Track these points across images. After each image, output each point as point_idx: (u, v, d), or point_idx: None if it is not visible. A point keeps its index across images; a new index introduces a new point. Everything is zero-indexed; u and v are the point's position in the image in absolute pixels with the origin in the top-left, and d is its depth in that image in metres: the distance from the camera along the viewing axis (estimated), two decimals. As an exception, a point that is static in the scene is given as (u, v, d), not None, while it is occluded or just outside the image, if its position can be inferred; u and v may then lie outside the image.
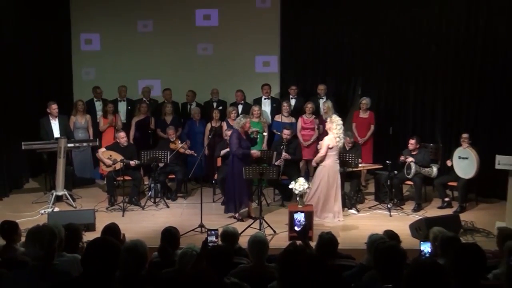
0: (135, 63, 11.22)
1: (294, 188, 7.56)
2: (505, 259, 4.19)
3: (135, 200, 8.89)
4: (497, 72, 9.28)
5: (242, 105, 10.54)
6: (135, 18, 11.23)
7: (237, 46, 11.21)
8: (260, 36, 11.16)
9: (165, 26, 11.22)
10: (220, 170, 9.18)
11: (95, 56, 11.31)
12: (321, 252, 4.74)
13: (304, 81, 11.15)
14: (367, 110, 10.00)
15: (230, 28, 11.19)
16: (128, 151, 9.02)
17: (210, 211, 8.45)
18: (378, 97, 10.78)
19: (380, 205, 8.85)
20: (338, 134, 7.93)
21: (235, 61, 11.26)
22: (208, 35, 11.24)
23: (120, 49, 11.23)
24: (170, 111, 10.22)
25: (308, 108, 9.89)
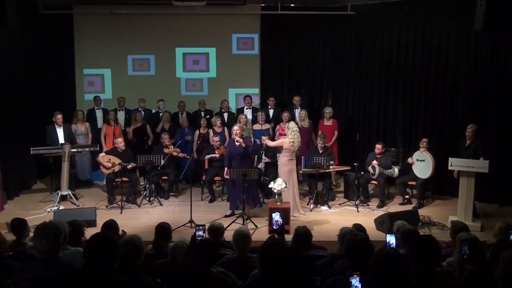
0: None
1: (273, 187, 7.56)
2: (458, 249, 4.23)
3: (132, 199, 8.82)
4: (448, 87, 9.44)
5: (227, 114, 10.52)
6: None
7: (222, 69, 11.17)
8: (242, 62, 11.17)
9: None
10: (208, 172, 9.14)
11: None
12: (297, 243, 4.74)
13: (281, 93, 11.18)
14: (330, 118, 10.02)
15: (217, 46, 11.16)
16: (125, 155, 8.94)
17: (198, 208, 8.41)
18: (346, 107, 10.84)
19: (348, 202, 8.90)
20: (292, 139, 7.96)
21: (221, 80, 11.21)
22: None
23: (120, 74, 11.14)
24: (168, 119, 10.18)
25: (285, 116, 9.88)
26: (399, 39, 10.06)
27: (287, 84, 11.19)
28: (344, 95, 10.87)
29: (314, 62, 11.05)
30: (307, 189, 9.36)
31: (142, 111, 10.50)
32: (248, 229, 7.05)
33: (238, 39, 11.13)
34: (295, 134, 8.01)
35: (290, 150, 7.99)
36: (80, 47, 11.01)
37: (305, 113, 9.84)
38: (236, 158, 7.91)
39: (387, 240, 4.63)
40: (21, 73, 9.60)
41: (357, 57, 10.63)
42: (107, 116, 10.04)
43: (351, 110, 10.85)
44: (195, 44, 11.06)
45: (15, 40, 9.40)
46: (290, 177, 7.99)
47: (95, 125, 10.31)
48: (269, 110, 10.54)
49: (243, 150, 7.84)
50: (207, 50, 11.15)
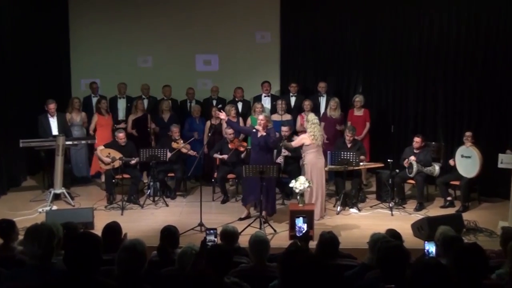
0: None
1: (294, 187, 7.54)
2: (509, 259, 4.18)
3: (134, 199, 8.89)
4: (500, 69, 9.29)
5: (242, 103, 10.53)
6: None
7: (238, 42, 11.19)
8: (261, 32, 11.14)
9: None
10: (220, 169, 9.17)
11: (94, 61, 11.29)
12: (322, 251, 4.73)
13: (304, 79, 11.14)
14: (361, 107, 9.98)
15: (231, 26, 11.16)
16: (127, 149, 8.99)
17: (209, 210, 8.45)
18: (379, 94, 10.77)
19: (381, 204, 8.85)
20: (313, 133, 7.94)
21: (236, 58, 11.25)
22: (210, 46, 11.25)
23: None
24: (168, 107, 10.18)
25: (306, 105, 9.88)
26: (441, 16, 9.93)
27: (311, 68, 11.15)
28: (376, 81, 10.80)
29: (341, 44, 10.98)
30: (334, 189, 9.34)
31: (146, 99, 10.57)
32: (266, 234, 7.11)
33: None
34: (315, 126, 7.98)
35: (314, 145, 7.97)
36: (76, 26, 11.12)
37: (337, 102, 9.84)
38: (255, 150, 7.91)
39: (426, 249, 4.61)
40: (9, 55, 9.69)
41: (392, 38, 10.53)
42: (98, 104, 10.09)
43: (384, 98, 10.77)
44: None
45: (2, 16, 9.50)
46: (320, 176, 7.97)
47: (91, 115, 10.37)
48: (290, 98, 10.53)
49: (263, 140, 7.83)
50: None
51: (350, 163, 8.51)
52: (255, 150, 7.93)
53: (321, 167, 8.08)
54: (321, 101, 10.36)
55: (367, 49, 10.80)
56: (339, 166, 8.59)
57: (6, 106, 9.54)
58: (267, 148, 7.91)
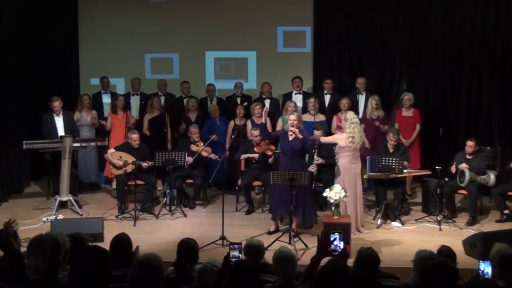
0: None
1: (329, 197, 7.51)
2: None
3: (148, 208, 8.95)
4: None
5: (270, 100, 10.54)
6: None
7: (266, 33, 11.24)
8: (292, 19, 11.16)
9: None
10: (245, 175, 9.19)
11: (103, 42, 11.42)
12: (360, 270, 4.69)
13: (340, 74, 11.11)
14: (411, 107, 9.90)
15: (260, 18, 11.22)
16: (140, 152, 9.06)
17: (232, 222, 8.45)
18: (425, 94, 10.68)
19: (428, 217, 8.76)
20: (351, 134, 7.87)
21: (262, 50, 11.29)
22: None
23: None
24: (194, 106, 10.22)
25: (343, 104, 9.83)
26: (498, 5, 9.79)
27: (348, 62, 11.11)
28: (423, 77, 10.71)
29: (383, 34, 10.91)
30: (374, 200, 9.29)
31: (162, 96, 10.65)
32: (295, 249, 7.09)
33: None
34: (355, 126, 7.93)
35: (350, 149, 7.92)
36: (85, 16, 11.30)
37: (378, 100, 9.78)
38: (287, 155, 7.89)
39: (481, 269, 4.54)
40: (11, 47, 9.83)
41: (442, 29, 10.44)
42: (114, 102, 10.19)
43: (432, 97, 10.68)
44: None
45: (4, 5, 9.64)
46: (353, 184, 7.92)
47: (101, 113, 10.51)
48: (324, 96, 10.49)
49: (298, 144, 7.79)
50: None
51: (393, 170, 8.43)
52: (286, 155, 7.91)
53: (355, 173, 8.00)
54: (360, 99, 10.31)
55: (412, 40, 10.72)
56: (380, 173, 8.52)
57: (7, 104, 9.67)
58: (301, 152, 7.89)
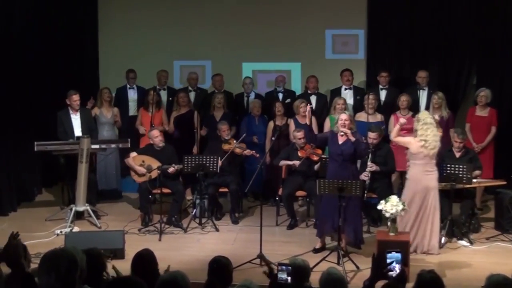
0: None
1: (384, 210, 7.47)
2: None
3: (175, 220, 9.03)
4: None
5: (316, 96, 10.54)
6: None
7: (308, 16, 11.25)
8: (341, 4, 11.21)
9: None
10: (287, 183, 9.20)
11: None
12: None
13: (398, 66, 11.07)
14: (486, 106, 9.78)
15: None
16: (165, 155, 9.14)
17: (272, 237, 8.45)
18: (500, 90, 10.56)
19: (502, 235, 8.65)
20: (424, 137, 7.75)
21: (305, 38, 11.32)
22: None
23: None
24: (221, 103, 10.25)
25: (402, 101, 9.76)
26: None
27: (408, 53, 11.06)
28: (497, 71, 10.62)
29: (449, 22, 10.84)
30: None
31: (192, 91, 10.72)
32: (345, 270, 7.06)
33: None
34: (428, 128, 7.78)
35: (422, 155, 7.78)
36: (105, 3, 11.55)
37: (442, 97, 9.66)
38: (336, 161, 7.87)
39: None
40: (20, 36, 9.94)
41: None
42: (146, 97, 10.27)
43: (508, 94, 10.57)
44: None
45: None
46: (424, 197, 7.78)
47: (126, 111, 10.63)
48: (379, 91, 10.47)
49: (350, 148, 7.76)
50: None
51: (460, 179, 8.33)
52: (334, 160, 7.88)
53: (427, 186, 7.83)
54: (421, 95, 10.24)
55: (484, 27, 10.63)
56: (445, 183, 8.42)
57: (17, 100, 9.83)
58: (352, 158, 7.86)
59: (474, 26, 10.70)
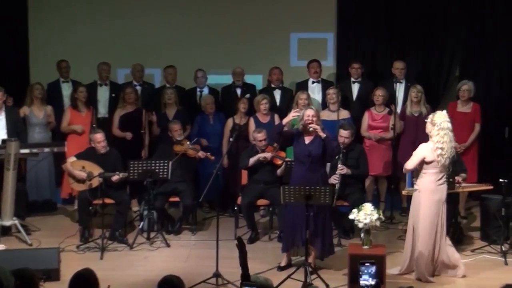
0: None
1: (356, 220, 7.53)
2: None
3: (119, 235, 8.96)
4: None
5: (281, 91, 10.59)
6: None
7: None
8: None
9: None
10: (247, 191, 9.20)
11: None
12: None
13: (372, 56, 11.17)
14: (469, 101, 9.91)
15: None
16: (109, 160, 9.09)
17: (230, 253, 8.36)
18: (486, 83, 10.72)
19: (489, 246, 8.73)
20: (441, 144, 7.53)
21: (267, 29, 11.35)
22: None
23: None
24: (171, 99, 10.21)
25: (377, 96, 9.85)
26: None
27: (382, 42, 11.17)
28: (482, 62, 10.77)
29: (429, 7, 10.96)
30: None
31: (138, 86, 10.70)
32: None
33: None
34: (447, 135, 7.55)
35: (437, 164, 7.69)
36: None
37: (420, 91, 9.77)
38: (303, 164, 7.87)
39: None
40: None
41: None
42: (74, 93, 10.16)
43: (494, 87, 10.76)
44: None
45: None
46: (438, 211, 7.66)
47: (60, 109, 10.51)
48: (351, 85, 10.55)
49: (318, 148, 7.74)
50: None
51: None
52: (301, 163, 7.87)
53: (441, 198, 7.70)
54: (398, 89, 10.26)
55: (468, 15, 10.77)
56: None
57: None
58: (321, 159, 7.86)
59: (457, 11, 10.85)
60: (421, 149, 7.67)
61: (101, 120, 10.47)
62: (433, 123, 7.62)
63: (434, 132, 7.59)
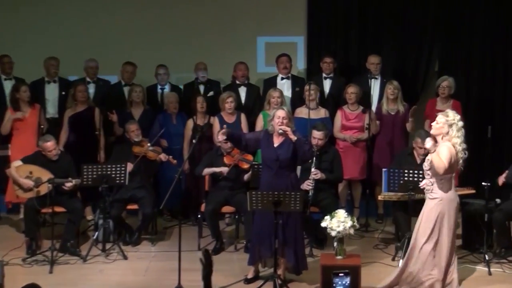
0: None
1: (329, 228, 7.54)
2: None
3: (71, 247, 8.90)
4: None
5: (246, 88, 10.62)
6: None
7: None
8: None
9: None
10: (211, 197, 9.20)
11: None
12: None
13: (345, 50, 11.21)
14: (449, 98, 10.00)
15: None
16: (60, 166, 9.03)
17: (193, 265, 8.34)
18: (467, 80, 10.84)
19: (471, 255, 8.81)
20: (464, 145, 7.36)
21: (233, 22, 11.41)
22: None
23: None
24: (139, 98, 10.22)
25: (350, 94, 9.92)
26: None
27: (356, 35, 11.23)
28: (462, 56, 10.89)
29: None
30: (392, 231, 9.40)
31: (91, 83, 10.67)
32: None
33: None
34: (463, 136, 7.38)
35: (455, 169, 7.52)
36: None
37: (397, 87, 9.85)
38: (271, 168, 7.84)
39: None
40: None
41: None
42: (15, 92, 10.04)
43: (476, 86, 10.86)
44: None
45: None
46: (453, 223, 7.49)
47: (2, 108, 10.41)
48: (323, 80, 10.59)
49: (287, 152, 7.68)
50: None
51: (419, 188, 8.40)
52: (268, 167, 7.85)
53: (457, 207, 7.60)
54: (373, 86, 10.35)
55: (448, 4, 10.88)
56: (402, 193, 8.59)
57: None
58: (291, 164, 7.82)
59: (436, 3, 10.94)
60: (449, 149, 7.29)
61: (51, 120, 10.40)
62: (449, 124, 7.38)
63: (454, 133, 7.34)
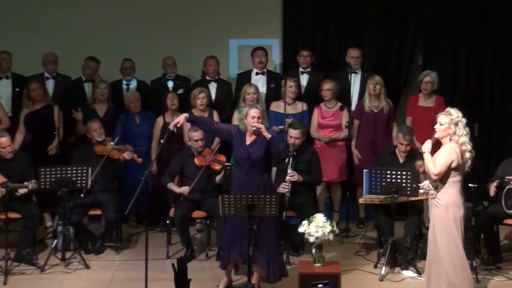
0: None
1: (307, 233, 7.57)
2: None
3: (27, 255, 8.85)
4: None
5: (217, 84, 10.61)
6: None
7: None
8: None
9: None
10: (180, 201, 9.16)
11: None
12: None
13: (324, 43, 11.22)
14: (432, 93, 10.03)
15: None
16: (15, 167, 9.02)
17: (162, 275, 8.36)
18: (453, 74, 10.90)
19: (458, 262, 8.84)
20: (468, 146, 7.14)
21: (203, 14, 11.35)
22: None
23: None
24: (104, 95, 10.19)
25: (325, 91, 9.95)
26: None
27: (335, 27, 11.24)
28: (449, 50, 10.91)
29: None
30: (374, 237, 9.43)
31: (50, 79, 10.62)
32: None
33: None
34: (468, 133, 7.19)
35: (462, 171, 7.27)
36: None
37: (380, 83, 9.84)
38: (242, 168, 7.81)
39: None
40: None
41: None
42: None
43: (463, 79, 10.91)
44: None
45: None
46: (460, 228, 7.23)
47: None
48: (299, 75, 10.61)
49: (259, 150, 7.65)
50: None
51: (403, 190, 8.46)
52: (240, 167, 7.83)
53: (463, 212, 7.33)
54: (353, 81, 10.35)
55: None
56: (383, 195, 8.60)
57: None
58: (263, 163, 7.79)
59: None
60: (450, 150, 7.12)
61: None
62: (454, 123, 7.14)
63: (460, 132, 7.14)
